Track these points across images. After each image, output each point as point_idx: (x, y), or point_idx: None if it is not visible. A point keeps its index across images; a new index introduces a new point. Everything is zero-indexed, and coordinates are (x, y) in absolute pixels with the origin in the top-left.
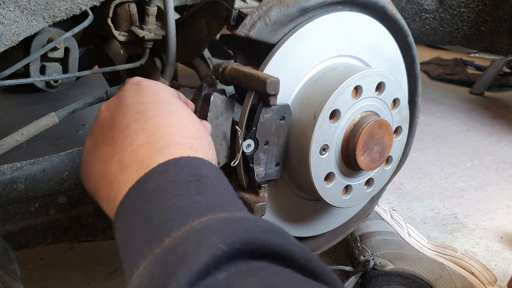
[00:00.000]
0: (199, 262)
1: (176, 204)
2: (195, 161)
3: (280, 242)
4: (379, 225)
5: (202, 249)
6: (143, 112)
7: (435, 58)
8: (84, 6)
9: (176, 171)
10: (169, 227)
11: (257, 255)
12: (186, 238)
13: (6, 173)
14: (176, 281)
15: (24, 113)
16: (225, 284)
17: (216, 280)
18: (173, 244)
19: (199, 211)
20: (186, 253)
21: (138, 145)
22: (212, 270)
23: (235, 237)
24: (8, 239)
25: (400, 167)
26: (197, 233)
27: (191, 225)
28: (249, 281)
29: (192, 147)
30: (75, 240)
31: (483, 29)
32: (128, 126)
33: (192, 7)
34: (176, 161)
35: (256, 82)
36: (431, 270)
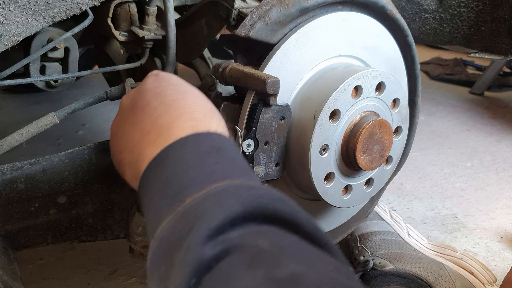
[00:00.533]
0: (217, 219)
1: (196, 171)
2: (214, 136)
3: (289, 210)
4: (379, 225)
5: (220, 209)
6: (160, 92)
7: (435, 58)
8: (84, 6)
9: (196, 143)
10: (190, 190)
11: (268, 220)
12: (206, 199)
13: (6, 173)
14: (196, 232)
15: (24, 113)
16: (238, 241)
17: (230, 236)
18: (194, 203)
19: (217, 177)
20: (206, 211)
21: (157, 116)
22: (227, 228)
23: (249, 202)
24: (8, 239)
25: (400, 167)
26: (216, 194)
27: (210, 188)
28: (259, 240)
29: (206, 116)
30: (75, 240)
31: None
32: (148, 104)
33: (192, 7)
34: (197, 135)
35: (256, 82)
36: (430, 270)
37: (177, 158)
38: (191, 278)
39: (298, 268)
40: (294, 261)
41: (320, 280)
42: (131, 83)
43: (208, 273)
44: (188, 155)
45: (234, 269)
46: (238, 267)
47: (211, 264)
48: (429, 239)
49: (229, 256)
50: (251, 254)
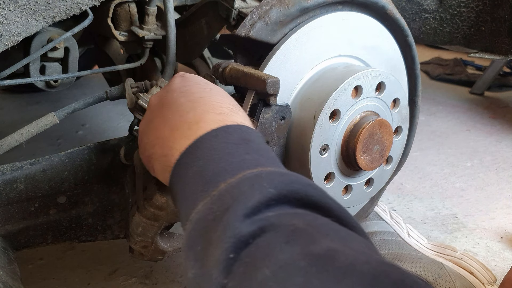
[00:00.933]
0: (253, 200)
1: (229, 160)
2: (243, 128)
3: (320, 195)
4: (379, 225)
5: (255, 191)
6: (187, 91)
7: (435, 58)
8: (84, 6)
9: (227, 135)
10: (223, 176)
11: (301, 204)
12: (240, 182)
13: (6, 173)
14: (233, 212)
15: (24, 113)
16: (275, 220)
17: (266, 216)
18: (229, 187)
19: (249, 165)
20: (241, 193)
21: (185, 112)
22: (263, 208)
23: (282, 186)
24: (8, 239)
25: (400, 167)
26: (250, 179)
27: (243, 174)
28: (295, 220)
29: (232, 110)
30: (75, 240)
31: (483, 29)
32: (175, 101)
33: (192, 7)
34: (226, 127)
35: (256, 82)
36: (430, 270)
37: (209, 148)
38: (229, 253)
39: (333, 244)
40: (329, 238)
41: (355, 256)
42: (131, 83)
43: (246, 248)
44: (219, 145)
45: (272, 245)
46: (275, 243)
47: (248, 240)
48: (429, 239)
49: (266, 233)
50: (287, 231)
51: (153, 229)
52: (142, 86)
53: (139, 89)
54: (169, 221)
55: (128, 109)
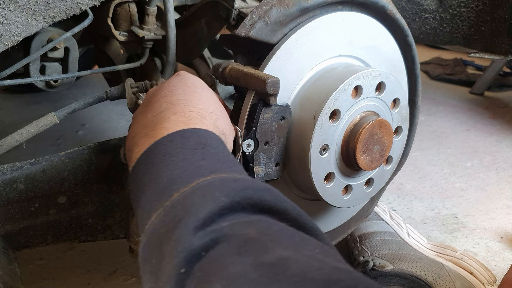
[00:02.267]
0: (205, 210)
1: (183, 167)
2: (200, 132)
3: (274, 198)
4: (379, 225)
5: (207, 201)
6: (171, 91)
7: (435, 58)
8: (84, 6)
9: (183, 140)
10: (177, 184)
11: (255, 210)
12: (192, 192)
13: (6, 173)
14: (184, 224)
15: (24, 113)
16: (228, 230)
17: (220, 226)
18: (181, 197)
19: (203, 172)
20: (193, 204)
21: (159, 111)
22: (216, 218)
23: (235, 193)
24: (8, 239)
25: (400, 167)
26: (202, 188)
27: (197, 182)
28: (248, 228)
29: (200, 115)
30: (75, 240)
31: (483, 29)
32: (157, 100)
33: (192, 7)
34: (183, 132)
35: (256, 82)
36: (430, 270)
37: (164, 153)
38: (180, 267)
39: (285, 252)
40: (282, 246)
41: (307, 262)
42: (131, 83)
43: (198, 262)
44: (175, 151)
45: (224, 257)
46: (227, 255)
47: (201, 253)
48: (429, 239)
49: (218, 245)
50: (240, 242)
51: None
52: (142, 86)
53: (139, 89)
54: None
55: (128, 109)
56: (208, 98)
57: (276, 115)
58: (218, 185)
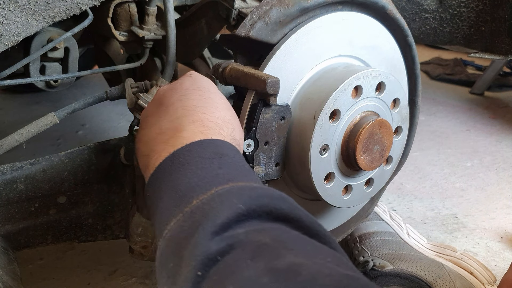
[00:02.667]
0: (223, 217)
1: (201, 175)
2: (217, 142)
3: (288, 207)
4: (379, 225)
5: (225, 208)
6: (186, 95)
7: (435, 58)
8: (84, 6)
9: (201, 149)
10: (195, 192)
11: (270, 217)
12: (211, 199)
13: (6, 173)
14: (202, 230)
15: (24, 113)
16: (243, 237)
17: (236, 232)
18: (200, 204)
19: (221, 180)
20: (212, 210)
21: (176, 117)
22: (233, 225)
23: (251, 201)
24: (8, 239)
25: (400, 167)
26: (220, 195)
27: (215, 190)
28: (262, 235)
29: (218, 125)
30: (75, 240)
31: (483, 29)
32: (172, 104)
33: (192, 7)
34: (201, 142)
35: (256, 82)
36: (430, 270)
37: (183, 162)
38: (197, 270)
39: (297, 259)
40: (294, 253)
41: (318, 269)
42: (131, 83)
43: (215, 266)
44: (193, 160)
45: (238, 262)
46: (241, 260)
47: (217, 257)
48: (429, 239)
49: (234, 250)
50: (253, 247)
51: (153, 229)
52: (142, 86)
53: (139, 89)
54: None
55: (128, 109)
56: (223, 105)
57: (276, 115)
58: (236, 192)
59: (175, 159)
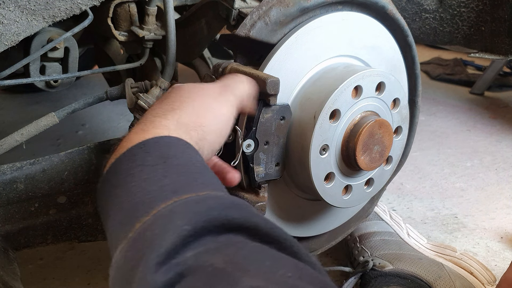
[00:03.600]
0: (166, 244)
1: (144, 188)
2: (161, 141)
3: (243, 215)
4: (378, 225)
5: (168, 232)
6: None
7: (435, 58)
8: (84, 6)
9: (143, 154)
10: (139, 211)
11: (222, 230)
12: (153, 223)
13: (6, 173)
14: (145, 262)
15: (24, 113)
16: (193, 261)
17: (184, 258)
18: (142, 229)
19: (166, 194)
20: (154, 237)
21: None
22: (180, 249)
23: (198, 217)
24: (8, 239)
25: (400, 167)
26: (163, 217)
27: (157, 210)
28: (214, 258)
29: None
30: (75, 240)
31: (483, 29)
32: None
33: (192, 7)
34: (143, 144)
35: (256, 82)
36: (430, 270)
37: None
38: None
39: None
40: (251, 275)
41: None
42: (131, 83)
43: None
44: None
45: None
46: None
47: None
48: (429, 239)
49: (184, 278)
50: (206, 275)
51: None
52: (142, 86)
53: (139, 89)
54: None
55: (128, 109)
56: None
57: (276, 115)
58: (180, 210)
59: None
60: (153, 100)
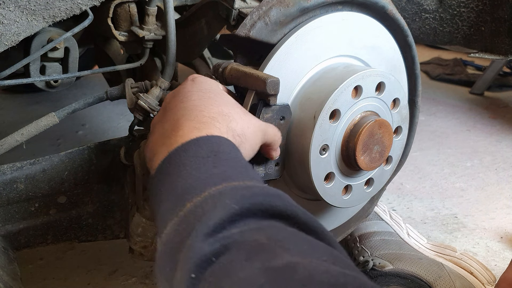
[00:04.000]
0: (216, 218)
1: (196, 175)
2: (213, 139)
3: (284, 204)
4: (378, 225)
5: (218, 208)
6: (187, 97)
7: (435, 58)
8: (84, 6)
9: (196, 148)
10: (190, 194)
11: (266, 215)
12: (204, 201)
13: (6, 173)
14: (196, 232)
15: (24, 113)
16: (238, 237)
17: (230, 233)
18: (193, 206)
19: (215, 181)
20: (204, 212)
21: (176, 118)
22: (227, 225)
23: (245, 200)
24: (8, 239)
25: (400, 167)
26: (213, 197)
27: (208, 192)
28: (258, 235)
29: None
30: (75, 240)
31: (483, 29)
32: (174, 107)
33: (192, 7)
34: (196, 140)
35: (256, 82)
36: (430, 270)
37: (179, 163)
38: (190, 273)
39: (293, 258)
40: (290, 252)
41: (315, 268)
42: (131, 83)
43: (209, 267)
44: (188, 160)
45: (233, 262)
46: (237, 260)
47: (211, 259)
48: (429, 239)
49: (228, 251)
50: (249, 247)
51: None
52: (142, 86)
53: (139, 89)
54: None
55: (128, 109)
56: (222, 101)
57: (276, 115)
58: (229, 193)
59: (172, 160)
60: (153, 100)
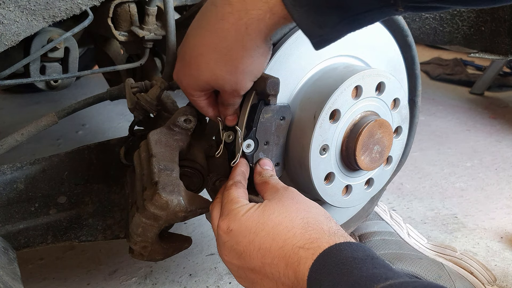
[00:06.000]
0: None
1: (358, 274)
2: (364, 246)
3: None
4: (379, 225)
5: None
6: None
7: (435, 58)
8: (84, 6)
9: (351, 250)
10: (360, 286)
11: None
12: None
13: (6, 173)
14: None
15: (24, 113)
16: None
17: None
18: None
19: (379, 279)
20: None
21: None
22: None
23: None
24: (8, 239)
25: (400, 167)
26: None
27: (376, 287)
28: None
29: (334, 232)
30: (75, 240)
31: (483, 29)
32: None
33: (192, 7)
34: (350, 243)
35: (256, 82)
36: (430, 270)
37: (337, 263)
38: None
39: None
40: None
41: None
42: (131, 83)
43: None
44: (347, 260)
45: None
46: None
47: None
48: (429, 239)
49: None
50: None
51: (153, 229)
52: (142, 86)
53: (139, 89)
54: (168, 222)
55: (128, 109)
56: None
57: (276, 115)
58: (398, 287)
59: (328, 259)
60: (153, 100)
